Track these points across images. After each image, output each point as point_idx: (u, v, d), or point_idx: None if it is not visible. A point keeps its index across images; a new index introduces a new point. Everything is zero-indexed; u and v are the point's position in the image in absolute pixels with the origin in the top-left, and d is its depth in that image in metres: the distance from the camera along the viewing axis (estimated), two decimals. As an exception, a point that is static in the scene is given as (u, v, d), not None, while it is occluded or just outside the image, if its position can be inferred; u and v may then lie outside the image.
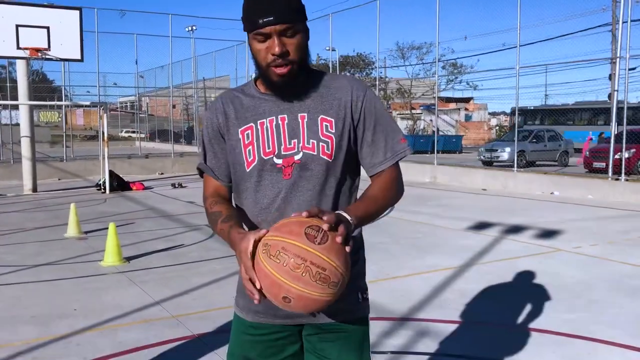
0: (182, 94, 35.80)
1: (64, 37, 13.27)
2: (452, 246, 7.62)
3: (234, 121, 1.76)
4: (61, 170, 18.24)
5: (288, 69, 1.62)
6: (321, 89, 1.73)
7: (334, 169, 1.71)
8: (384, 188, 1.74)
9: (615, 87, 13.95)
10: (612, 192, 12.56)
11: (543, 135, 21.32)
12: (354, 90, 1.73)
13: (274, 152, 1.69)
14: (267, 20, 1.57)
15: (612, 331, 4.39)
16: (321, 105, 1.71)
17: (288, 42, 1.60)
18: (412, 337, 4.27)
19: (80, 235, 8.42)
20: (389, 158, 1.75)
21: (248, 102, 1.76)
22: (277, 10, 1.57)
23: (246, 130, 1.73)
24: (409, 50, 34.76)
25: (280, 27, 1.58)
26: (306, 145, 1.69)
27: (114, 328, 4.52)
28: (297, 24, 1.62)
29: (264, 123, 1.71)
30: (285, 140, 1.69)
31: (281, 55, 1.59)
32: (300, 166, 1.68)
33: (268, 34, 1.59)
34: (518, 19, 15.09)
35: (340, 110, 1.71)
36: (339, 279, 1.44)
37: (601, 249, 7.44)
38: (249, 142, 1.72)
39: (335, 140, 1.70)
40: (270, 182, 1.71)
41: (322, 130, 1.69)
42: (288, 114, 1.71)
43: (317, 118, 1.70)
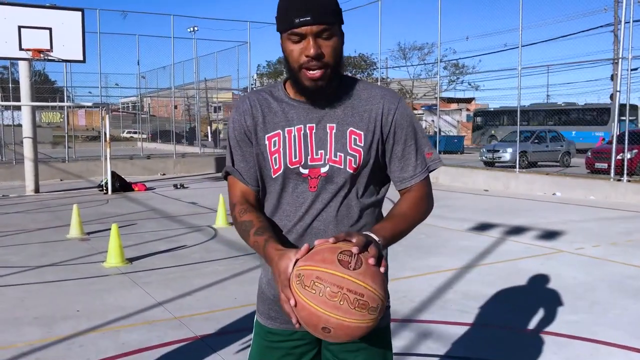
0: (183, 94, 35.82)
1: (66, 38, 13.31)
2: (454, 247, 7.63)
3: (262, 126, 1.70)
4: (63, 171, 18.27)
5: (321, 73, 1.56)
6: (353, 98, 1.68)
7: (359, 182, 1.68)
8: (414, 204, 1.70)
9: (618, 87, 13.94)
10: (614, 193, 12.55)
11: (545, 136, 21.32)
12: (386, 102, 1.68)
13: (300, 161, 1.65)
14: (304, 20, 1.51)
15: (615, 333, 4.40)
16: (351, 117, 1.66)
17: (324, 44, 1.55)
18: (414, 338, 4.28)
19: (82, 236, 8.43)
20: (418, 173, 1.71)
21: (276, 107, 1.70)
22: (314, 10, 1.51)
23: (273, 137, 1.68)
24: (411, 51, 34.87)
25: (317, 28, 1.52)
26: (333, 158, 1.64)
27: (116, 329, 4.53)
28: (334, 26, 1.57)
29: (291, 131, 1.66)
30: (312, 151, 1.65)
31: (316, 57, 1.53)
32: (325, 179, 1.65)
33: (303, 34, 1.53)
34: (520, 20, 15.10)
35: (370, 123, 1.66)
36: (378, 303, 1.40)
37: (603, 250, 7.44)
38: (275, 150, 1.67)
39: (363, 154, 1.65)
40: (294, 191, 1.67)
41: (350, 143, 1.65)
42: (316, 123, 1.66)
43: (345, 130, 1.65)
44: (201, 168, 20.87)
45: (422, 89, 38.96)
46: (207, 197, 12.86)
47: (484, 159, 19.87)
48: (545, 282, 5.89)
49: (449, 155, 26.20)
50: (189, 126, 35.46)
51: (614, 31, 25.76)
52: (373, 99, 1.68)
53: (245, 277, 6.06)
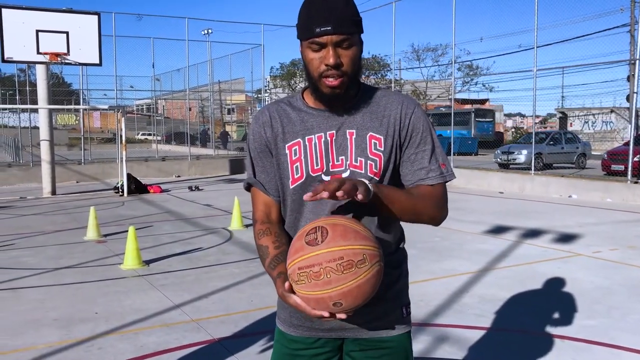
0: (197, 96, 36.01)
1: (83, 41, 13.45)
2: (470, 250, 7.60)
3: (281, 135, 1.71)
4: (79, 173, 18.44)
5: (340, 81, 1.58)
6: (371, 104, 1.70)
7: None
8: (425, 195, 1.66)
9: (635, 89, 13.81)
10: (631, 195, 12.44)
11: (560, 137, 21.17)
12: (403, 107, 1.69)
13: (322, 169, 1.66)
14: (325, 29, 1.53)
15: (634, 338, 4.36)
16: (370, 122, 1.68)
17: (343, 53, 1.57)
18: (432, 342, 4.28)
19: (99, 238, 8.51)
20: (432, 177, 1.68)
21: (295, 116, 1.71)
22: (335, 20, 1.53)
23: (294, 146, 1.69)
24: (425, 52, 34.76)
25: (337, 37, 1.54)
26: (354, 163, 1.65)
27: (135, 332, 4.57)
28: (354, 36, 1.58)
29: (312, 139, 1.67)
30: (333, 157, 1.66)
31: (335, 66, 1.55)
32: None
33: (324, 43, 1.55)
34: (535, 20, 15.01)
35: (390, 127, 1.67)
36: (361, 254, 1.40)
37: (621, 253, 7.37)
38: (296, 159, 1.68)
39: (383, 158, 1.66)
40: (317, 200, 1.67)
41: (370, 148, 1.66)
42: (336, 130, 1.67)
43: (365, 135, 1.66)
44: (215, 170, 20.97)
45: (435, 90, 38.84)
46: (222, 199, 12.92)
47: (498, 161, 19.76)
48: (562, 285, 5.85)
49: (463, 156, 26.08)
50: (202, 128, 35.62)
51: (630, 32, 25.52)
52: (391, 105, 1.70)
53: (261, 280, 6.09)
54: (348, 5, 1.57)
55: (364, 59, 23.75)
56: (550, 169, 18.54)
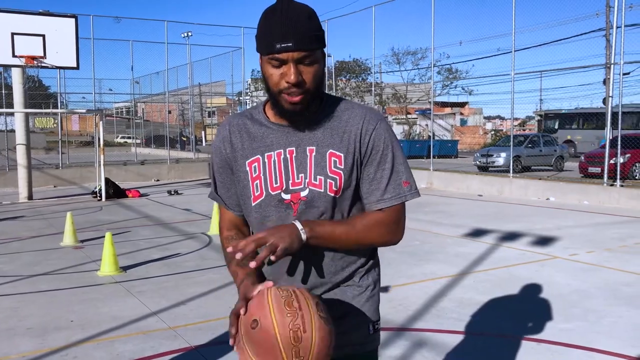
0: (177, 99, 35.79)
1: (60, 44, 13.27)
2: (449, 254, 7.63)
3: (241, 152, 1.68)
4: (57, 177, 18.20)
5: (301, 97, 1.53)
6: (333, 119, 1.64)
7: (340, 206, 1.64)
8: (369, 224, 1.62)
9: (610, 92, 14.01)
10: (607, 198, 12.60)
11: (538, 140, 21.40)
12: (365, 123, 1.63)
13: (281, 187, 1.62)
14: (285, 45, 1.47)
15: (610, 341, 4.40)
16: (331, 139, 1.62)
17: (305, 70, 1.51)
18: (410, 347, 4.27)
19: (76, 244, 8.40)
20: (387, 199, 1.63)
21: (256, 131, 1.67)
22: (296, 35, 1.47)
23: (253, 163, 1.66)
24: (405, 56, 34.88)
25: (298, 54, 1.48)
26: (313, 182, 1.61)
27: (111, 340, 4.51)
28: (316, 52, 1.52)
29: (271, 156, 1.63)
30: (293, 175, 1.62)
31: (296, 84, 1.50)
32: (306, 203, 1.61)
33: (284, 60, 1.49)
34: (513, 25, 15.17)
35: (350, 145, 1.62)
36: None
37: (597, 256, 7.46)
38: (256, 176, 1.65)
39: (344, 176, 1.61)
40: (278, 217, 1.63)
41: (330, 165, 1.61)
42: (296, 146, 1.62)
43: (325, 152, 1.61)
44: (195, 173, 20.83)
45: (416, 93, 39.02)
46: (201, 204, 12.83)
47: (477, 164, 19.91)
48: (539, 289, 5.90)
49: (443, 159, 26.25)
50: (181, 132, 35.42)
51: (606, 36, 25.90)
52: (353, 120, 1.64)
53: (240, 286, 6.03)
54: (310, 19, 1.51)
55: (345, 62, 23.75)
56: (528, 172, 18.72)
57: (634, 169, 15.79)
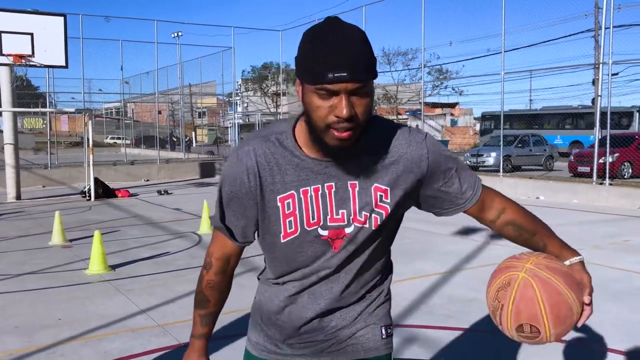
0: (167, 99, 35.67)
1: (48, 43, 13.18)
2: (440, 252, 7.64)
3: (271, 187, 1.49)
4: (45, 177, 18.08)
5: (350, 134, 1.35)
6: (375, 149, 1.49)
7: (380, 237, 1.56)
8: (519, 211, 1.74)
9: (599, 92, 14.10)
10: (596, 196, 12.68)
11: (528, 139, 21.51)
12: (413, 149, 1.51)
13: (318, 222, 1.48)
14: (339, 76, 1.28)
15: (598, 336, 4.42)
16: (374, 173, 1.48)
17: (357, 102, 1.33)
18: (401, 343, 4.27)
19: (65, 243, 8.34)
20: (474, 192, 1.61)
21: (288, 163, 1.48)
22: (352, 65, 1.29)
23: (287, 199, 1.48)
24: (395, 56, 34.94)
25: (352, 85, 1.30)
26: (358, 218, 1.49)
27: (99, 338, 4.47)
28: (370, 82, 1.35)
29: (307, 191, 1.47)
30: (332, 211, 1.48)
31: (348, 119, 1.32)
32: (349, 239, 1.50)
33: (336, 91, 1.31)
34: (502, 25, 15.24)
35: (400, 177, 1.50)
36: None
37: (586, 253, 7.47)
38: (290, 213, 1.49)
39: (390, 210, 1.51)
40: (313, 253, 1.52)
41: (376, 200, 1.49)
42: (336, 181, 1.47)
43: (369, 187, 1.48)
44: (185, 174, 20.77)
45: (406, 94, 39.11)
46: (191, 203, 12.78)
47: (468, 164, 19.98)
48: (529, 285, 5.91)
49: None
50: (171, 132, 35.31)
51: (594, 36, 26.08)
52: (398, 148, 1.51)
53: (229, 284, 6.02)
54: (365, 45, 1.34)
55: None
56: (518, 171, 18.80)
57: (623, 168, 15.90)
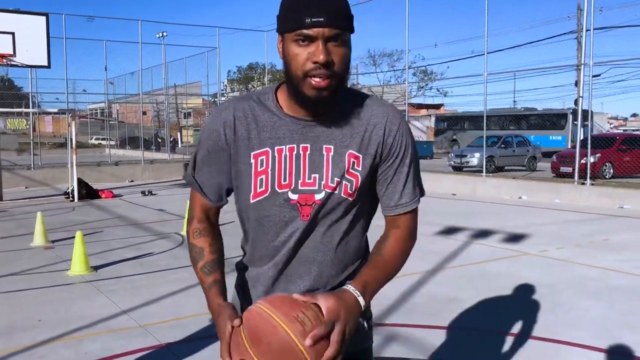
0: (152, 100, 35.49)
1: (30, 43, 13.08)
2: (422, 250, 7.68)
3: (246, 141, 1.51)
4: (28, 178, 17.91)
5: (328, 82, 1.37)
6: (353, 117, 1.51)
7: (354, 209, 1.54)
8: (402, 249, 1.58)
9: (582, 93, 14.26)
10: (578, 196, 12.82)
11: (512, 140, 21.67)
12: (388, 123, 1.52)
13: (290, 185, 1.48)
14: (317, 20, 1.33)
15: (576, 333, 4.48)
16: (350, 138, 1.50)
17: (334, 51, 1.37)
18: (381, 341, 4.29)
19: (47, 244, 8.28)
20: (403, 204, 1.56)
21: (266, 120, 1.50)
22: (329, 10, 1.34)
23: (260, 156, 1.49)
24: (380, 57, 35.06)
25: (329, 31, 1.34)
26: (329, 184, 1.48)
27: (79, 339, 4.45)
28: (347, 33, 1.40)
29: (282, 150, 1.48)
30: (305, 174, 1.48)
31: (325, 64, 1.35)
32: (319, 206, 1.49)
33: (314, 36, 1.34)
34: (486, 27, 15.35)
35: (371, 145, 1.51)
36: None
37: (567, 252, 7.58)
38: (262, 171, 1.49)
39: (360, 179, 1.51)
40: (281, 219, 1.50)
41: (348, 167, 1.49)
42: (311, 143, 1.48)
43: (345, 153, 1.49)
44: (170, 174, 20.67)
45: (391, 95, 39.20)
46: (175, 204, 12.73)
47: (452, 164, 20.09)
48: (510, 284, 5.97)
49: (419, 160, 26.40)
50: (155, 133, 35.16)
51: (577, 38, 26.35)
52: (374, 118, 1.52)
53: (212, 284, 6.01)
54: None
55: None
56: (502, 172, 18.94)
57: (604, 168, 16.08)
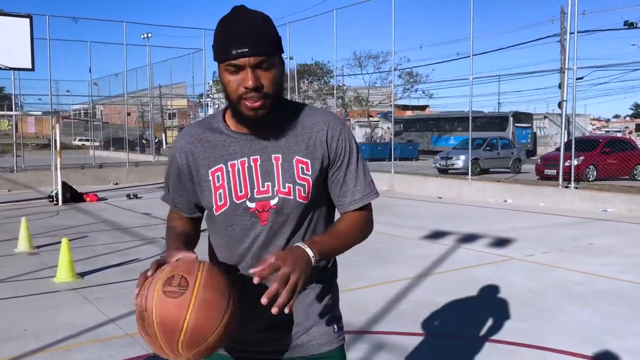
0: (137, 101, 35.27)
1: (14, 45, 12.96)
2: (409, 256, 7.73)
3: (203, 161, 1.67)
4: (11, 181, 17.72)
5: (261, 102, 1.52)
6: (296, 126, 1.65)
7: (310, 212, 1.67)
8: (354, 226, 1.70)
9: (565, 96, 14.40)
10: (562, 200, 12.94)
11: (496, 143, 21.84)
12: (329, 129, 1.66)
13: (246, 195, 1.62)
14: (242, 51, 1.47)
15: (562, 339, 4.53)
16: (296, 145, 1.63)
17: (262, 75, 1.51)
18: (369, 350, 4.31)
19: (31, 250, 8.20)
20: (358, 200, 1.69)
21: (216, 140, 1.66)
22: (252, 41, 1.48)
23: (216, 172, 1.64)
24: (366, 59, 35.04)
25: (255, 59, 1.48)
26: (282, 190, 1.61)
27: (67, 349, 4.42)
28: (273, 57, 1.53)
29: (235, 164, 1.63)
30: (258, 183, 1.62)
31: (255, 88, 1.50)
32: (276, 211, 1.62)
33: (241, 65, 1.49)
34: (471, 30, 15.45)
35: (317, 150, 1.64)
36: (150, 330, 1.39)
37: (552, 256, 7.66)
38: (219, 185, 1.64)
39: (311, 182, 1.63)
40: (243, 227, 1.64)
41: (298, 172, 1.62)
42: (261, 154, 1.63)
43: (292, 160, 1.63)
44: (155, 177, 20.55)
45: (377, 96, 39.26)
46: (161, 208, 12.61)
47: (437, 166, 20.20)
48: (496, 290, 6.03)
49: (404, 161, 26.52)
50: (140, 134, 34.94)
51: (560, 41, 26.60)
52: (317, 126, 1.66)
53: (200, 291, 5.99)
54: (265, 24, 1.53)
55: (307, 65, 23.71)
56: (487, 174, 19.08)
57: (588, 171, 16.25)
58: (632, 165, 17.63)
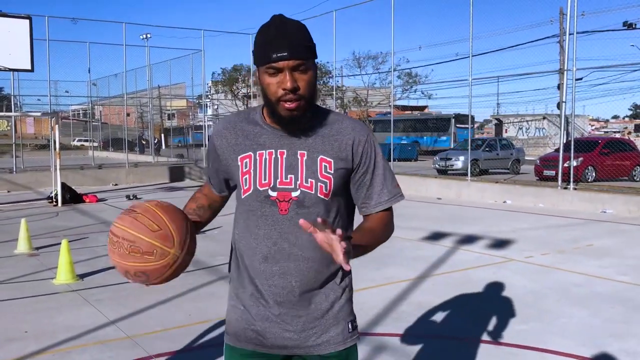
0: (136, 102, 35.22)
1: (13, 46, 12.96)
2: (408, 257, 7.73)
3: (234, 147, 1.81)
4: (10, 182, 17.70)
5: (297, 104, 1.65)
6: (324, 128, 1.78)
7: (331, 208, 1.77)
8: (381, 226, 1.81)
9: (564, 97, 14.41)
10: (561, 201, 12.95)
11: (495, 144, 21.85)
12: (356, 134, 1.78)
13: (269, 184, 1.74)
14: (281, 55, 1.61)
15: (562, 341, 4.54)
16: (322, 145, 1.76)
17: (299, 77, 1.64)
18: (370, 352, 4.32)
19: (31, 251, 8.19)
20: (383, 202, 1.81)
21: (250, 130, 1.81)
22: (291, 46, 1.61)
23: (245, 159, 1.79)
24: (365, 60, 35.07)
25: (293, 62, 1.62)
26: (304, 184, 1.73)
27: (67, 351, 4.42)
28: (309, 61, 1.66)
29: (262, 154, 1.76)
30: (282, 174, 1.74)
31: (292, 90, 1.62)
32: (297, 203, 1.73)
33: (280, 68, 1.62)
34: (470, 31, 15.46)
35: (341, 152, 1.76)
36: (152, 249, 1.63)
37: (551, 258, 7.66)
38: (246, 171, 1.78)
39: (333, 181, 1.75)
40: (264, 214, 1.76)
41: (321, 170, 1.74)
42: (287, 149, 1.75)
43: (316, 157, 1.74)
44: (154, 178, 20.56)
45: (376, 97, 39.31)
46: (161, 208, 12.64)
47: (437, 167, 20.20)
48: (496, 291, 6.03)
49: (403, 162, 26.52)
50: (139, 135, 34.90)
51: (559, 42, 26.62)
52: (344, 130, 1.78)
53: (199, 293, 6.01)
54: (301, 31, 1.66)
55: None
56: (486, 175, 19.08)
57: (587, 172, 16.27)
58: (631, 166, 17.66)
